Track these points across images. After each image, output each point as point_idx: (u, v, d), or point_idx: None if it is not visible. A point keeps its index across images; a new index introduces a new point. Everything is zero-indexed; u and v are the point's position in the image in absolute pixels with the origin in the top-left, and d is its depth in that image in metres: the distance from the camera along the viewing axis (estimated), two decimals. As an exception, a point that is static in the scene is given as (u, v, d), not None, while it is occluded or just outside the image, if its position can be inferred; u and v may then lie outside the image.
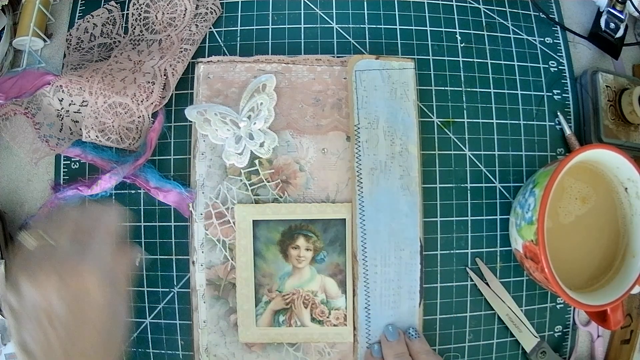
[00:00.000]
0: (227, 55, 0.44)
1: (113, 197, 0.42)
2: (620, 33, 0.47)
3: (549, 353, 0.42)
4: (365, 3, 0.46)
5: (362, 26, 0.45)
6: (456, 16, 0.47)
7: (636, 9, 0.46)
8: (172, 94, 0.43)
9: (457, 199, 0.43)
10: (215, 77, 0.42)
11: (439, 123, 0.44)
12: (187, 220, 0.41)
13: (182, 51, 0.43)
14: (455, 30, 0.46)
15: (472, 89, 0.45)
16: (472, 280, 0.42)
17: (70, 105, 0.42)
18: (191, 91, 0.43)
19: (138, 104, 0.41)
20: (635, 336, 0.44)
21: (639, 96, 0.43)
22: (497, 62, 0.46)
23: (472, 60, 0.45)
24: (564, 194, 0.41)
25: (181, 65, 0.42)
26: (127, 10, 0.46)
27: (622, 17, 0.46)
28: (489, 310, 0.42)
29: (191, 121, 0.41)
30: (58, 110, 0.42)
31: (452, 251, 0.43)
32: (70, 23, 0.47)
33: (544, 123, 0.46)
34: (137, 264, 0.38)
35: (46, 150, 0.41)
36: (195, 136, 0.41)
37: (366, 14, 0.46)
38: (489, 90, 0.45)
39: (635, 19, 0.50)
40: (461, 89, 0.45)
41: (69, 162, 0.43)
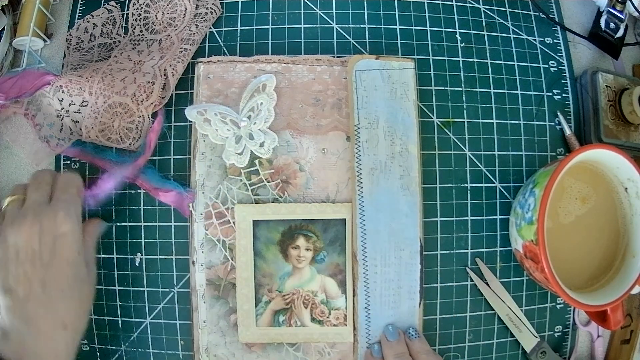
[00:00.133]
0: (227, 55, 0.44)
1: (113, 197, 0.42)
2: (620, 33, 0.47)
3: (549, 353, 0.42)
4: (365, 3, 0.46)
5: (362, 26, 0.45)
6: (456, 16, 0.46)
7: (636, 9, 0.46)
8: (172, 94, 0.43)
9: (457, 199, 0.43)
10: (215, 77, 0.42)
11: (439, 123, 0.44)
12: (187, 220, 0.41)
13: (182, 51, 0.43)
14: (455, 30, 0.46)
15: (472, 89, 0.45)
16: (472, 280, 0.42)
17: (70, 105, 0.42)
18: (191, 91, 0.43)
19: (138, 104, 0.41)
20: (635, 336, 0.44)
21: (639, 96, 0.43)
22: (497, 62, 0.46)
23: (472, 60, 0.45)
24: (564, 194, 0.41)
25: (181, 65, 0.42)
26: (127, 10, 0.46)
27: (622, 17, 0.46)
28: (489, 310, 0.42)
29: (191, 121, 0.41)
30: (58, 110, 0.42)
31: (452, 251, 0.43)
32: (70, 23, 0.47)
33: (544, 123, 0.46)
34: (100, 232, 0.41)
35: (47, 151, 0.41)
36: (195, 136, 0.41)
37: (366, 14, 0.46)
38: (489, 90, 0.45)
39: (635, 19, 0.50)
40: (461, 89, 0.45)
41: (69, 162, 0.43)
